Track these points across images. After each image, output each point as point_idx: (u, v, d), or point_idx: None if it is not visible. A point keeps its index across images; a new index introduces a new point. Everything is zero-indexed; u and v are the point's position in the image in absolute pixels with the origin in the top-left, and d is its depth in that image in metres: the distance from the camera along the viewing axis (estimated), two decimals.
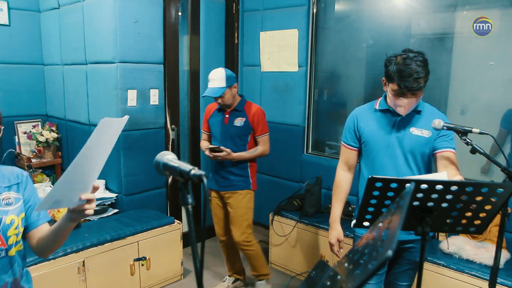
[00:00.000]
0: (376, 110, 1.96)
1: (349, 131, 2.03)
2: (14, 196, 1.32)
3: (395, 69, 1.74)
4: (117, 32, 3.01)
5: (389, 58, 1.80)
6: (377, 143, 1.92)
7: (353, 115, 2.03)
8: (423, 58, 1.75)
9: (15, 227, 1.29)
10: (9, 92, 3.64)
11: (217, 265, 3.52)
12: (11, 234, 1.28)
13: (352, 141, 2.02)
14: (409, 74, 1.70)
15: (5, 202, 1.30)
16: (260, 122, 2.79)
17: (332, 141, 3.85)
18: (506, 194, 1.35)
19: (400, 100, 1.78)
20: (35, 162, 3.56)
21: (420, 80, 1.71)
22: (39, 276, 2.43)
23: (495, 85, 2.85)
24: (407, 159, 1.89)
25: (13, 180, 1.35)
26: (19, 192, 1.34)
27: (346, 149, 2.06)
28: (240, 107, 2.80)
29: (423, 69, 1.72)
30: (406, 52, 1.77)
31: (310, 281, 0.95)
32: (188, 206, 0.88)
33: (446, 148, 1.86)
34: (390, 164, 1.90)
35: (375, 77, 3.57)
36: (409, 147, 1.88)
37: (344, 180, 2.07)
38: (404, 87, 1.72)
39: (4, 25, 3.55)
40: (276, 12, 3.76)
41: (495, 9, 2.80)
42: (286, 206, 3.53)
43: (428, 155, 1.90)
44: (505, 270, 2.45)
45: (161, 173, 0.95)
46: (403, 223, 0.80)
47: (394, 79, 1.75)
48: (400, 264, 2.00)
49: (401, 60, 1.74)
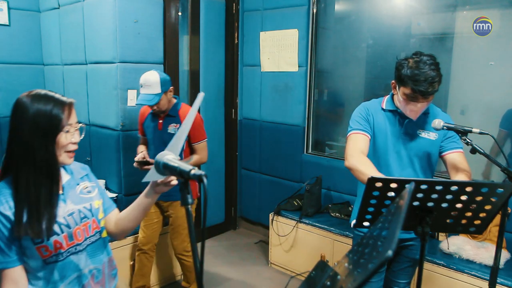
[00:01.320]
0: (384, 110, 1.92)
1: (362, 119, 1.91)
2: (90, 184, 1.42)
3: (409, 73, 1.70)
4: (117, 32, 3.01)
5: (401, 62, 1.77)
6: (384, 143, 1.90)
7: (364, 107, 1.95)
8: (435, 61, 1.73)
9: (101, 211, 1.42)
10: (9, 92, 3.64)
11: (217, 265, 3.53)
12: (100, 217, 1.40)
13: (366, 128, 1.89)
14: (424, 78, 1.67)
15: (87, 190, 1.40)
16: (195, 128, 2.62)
17: (332, 141, 3.85)
18: (506, 194, 1.35)
19: (412, 105, 1.76)
20: None
21: (435, 85, 1.69)
22: None
23: (495, 85, 2.85)
24: (412, 161, 1.89)
25: (82, 172, 1.44)
26: (91, 181, 1.44)
27: (361, 136, 1.87)
28: (174, 112, 2.65)
29: (436, 73, 1.70)
30: (418, 55, 1.74)
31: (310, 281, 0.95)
32: (188, 206, 0.88)
33: (454, 149, 1.86)
34: (395, 165, 1.89)
35: (375, 77, 3.57)
36: (416, 150, 1.87)
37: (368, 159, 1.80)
38: (418, 92, 1.69)
39: (4, 25, 3.55)
40: (276, 12, 3.76)
41: (495, 9, 2.80)
42: (286, 206, 3.53)
43: (434, 157, 1.90)
44: (505, 270, 2.45)
45: (161, 173, 0.95)
46: (403, 223, 0.80)
47: (407, 83, 1.72)
48: (400, 262, 2.01)
49: (414, 63, 1.71)
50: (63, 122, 1.23)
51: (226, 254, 3.77)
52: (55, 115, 1.21)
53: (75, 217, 1.31)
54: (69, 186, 1.35)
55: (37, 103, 1.20)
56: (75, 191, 1.36)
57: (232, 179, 4.28)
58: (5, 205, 1.20)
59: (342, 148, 3.56)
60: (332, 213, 3.39)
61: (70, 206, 1.31)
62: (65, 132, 1.23)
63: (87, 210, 1.36)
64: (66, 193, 1.33)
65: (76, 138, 1.28)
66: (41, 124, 1.20)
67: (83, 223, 1.33)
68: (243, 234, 4.25)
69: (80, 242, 1.32)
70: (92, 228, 1.36)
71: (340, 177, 3.46)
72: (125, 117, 3.07)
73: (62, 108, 1.23)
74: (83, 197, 1.37)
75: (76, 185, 1.38)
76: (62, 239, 1.26)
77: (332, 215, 3.37)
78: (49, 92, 1.26)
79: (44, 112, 1.20)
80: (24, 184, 1.20)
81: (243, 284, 3.28)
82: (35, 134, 1.19)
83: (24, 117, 1.20)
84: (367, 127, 1.89)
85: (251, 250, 3.87)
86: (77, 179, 1.40)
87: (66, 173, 1.37)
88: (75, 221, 1.31)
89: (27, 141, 1.19)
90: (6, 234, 1.19)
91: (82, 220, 1.33)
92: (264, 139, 4.01)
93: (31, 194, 1.20)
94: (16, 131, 1.21)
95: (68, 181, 1.35)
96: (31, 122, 1.19)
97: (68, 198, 1.32)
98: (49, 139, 1.21)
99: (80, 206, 1.34)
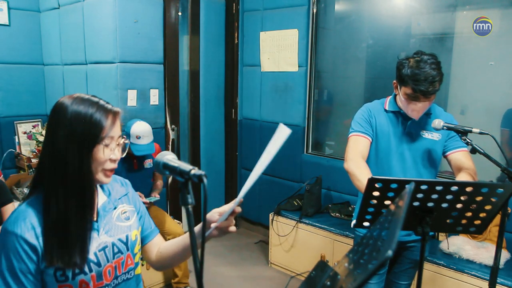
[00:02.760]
0: (386, 111, 1.91)
1: (364, 121, 1.90)
2: (129, 208, 1.21)
3: (409, 73, 1.70)
4: (117, 32, 3.01)
5: (402, 61, 1.76)
6: (387, 144, 1.89)
7: (367, 108, 1.94)
8: (436, 60, 1.72)
9: (138, 242, 1.20)
10: (9, 92, 3.64)
11: (217, 265, 3.53)
12: (136, 251, 1.19)
13: (368, 131, 1.89)
14: (424, 77, 1.67)
15: (125, 217, 1.18)
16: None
17: (332, 141, 3.85)
18: (506, 194, 1.35)
19: (413, 104, 1.75)
20: (35, 162, 3.56)
21: (436, 84, 1.69)
22: None
23: (495, 85, 2.85)
24: (416, 162, 1.88)
25: (121, 190, 1.23)
26: (130, 204, 1.22)
27: (361, 139, 1.87)
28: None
29: (437, 72, 1.69)
30: (419, 55, 1.73)
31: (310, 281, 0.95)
32: (188, 206, 0.88)
33: (458, 148, 1.85)
34: (398, 166, 1.88)
35: (375, 77, 3.58)
36: (420, 151, 1.86)
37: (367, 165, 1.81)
38: (419, 91, 1.69)
39: (4, 25, 3.55)
40: (276, 12, 3.76)
41: (495, 9, 2.80)
42: (286, 206, 3.53)
43: (437, 157, 1.90)
44: (505, 270, 2.45)
45: (161, 173, 0.94)
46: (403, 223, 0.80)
47: (408, 82, 1.71)
48: (401, 263, 2.00)
49: (415, 63, 1.70)
50: (104, 133, 1.03)
51: (226, 254, 3.76)
52: (95, 122, 1.02)
53: (108, 253, 1.09)
54: (104, 211, 1.13)
55: (78, 105, 1.03)
56: (111, 217, 1.14)
57: (232, 179, 4.28)
58: (31, 232, 1.00)
59: (342, 148, 3.57)
60: (332, 213, 3.39)
61: (103, 239, 1.09)
62: (103, 145, 1.03)
63: (123, 244, 1.14)
64: (101, 220, 1.11)
65: (117, 155, 1.07)
66: (78, 130, 1.01)
67: (116, 260, 1.11)
68: (243, 234, 4.25)
69: (109, 282, 1.10)
70: (125, 265, 1.14)
71: (340, 177, 3.46)
72: (125, 117, 3.07)
73: (106, 115, 1.04)
74: (119, 226, 1.15)
75: (113, 209, 1.16)
76: (90, 279, 1.05)
77: (332, 215, 3.37)
78: (93, 97, 1.08)
79: (83, 116, 1.01)
80: (53, 205, 1.01)
81: (243, 284, 3.27)
82: (69, 141, 1.00)
83: (60, 119, 1.02)
84: (368, 129, 1.89)
85: (251, 250, 3.87)
86: (115, 200, 1.18)
87: (103, 192, 1.16)
88: (107, 258, 1.09)
89: (60, 149, 1.00)
90: (30, 267, 0.99)
91: (115, 256, 1.11)
92: (264, 139, 4.01)
93: (59, 219, 1.00)
94: (49, 136, 1.03)
95: (104, 204, 1.14)
96: (67, 126, 1.01)
97: (102, 227, 1.11)
98: (84, 150, 1.01)
99: (114, 239, 1.12)
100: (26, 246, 0.99)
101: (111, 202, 1.16)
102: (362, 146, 1.86)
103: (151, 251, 1.26)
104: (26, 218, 1.01)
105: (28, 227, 1.00)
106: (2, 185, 2.26)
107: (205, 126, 4.09)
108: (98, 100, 1.07)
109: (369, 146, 1.88)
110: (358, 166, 1.78)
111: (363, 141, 1.87)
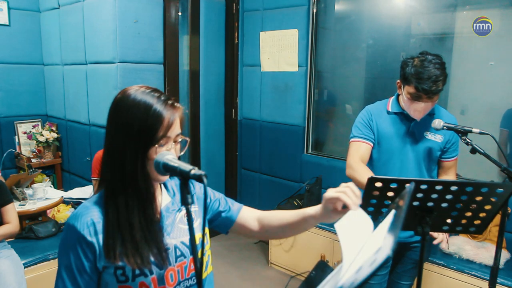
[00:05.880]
0: (389, 112, 1.91)
1: (364, 126, 1.92)
2: (193, 209, 1.15)
3: (413, 71, 1.71)
4: (117, 32, 3.01)
5: (406, 60, 1.77)
6: (391, 146, 1.88)
7: (367, 111, 1.94)
8: (441, 61, 1.72)
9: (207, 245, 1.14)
10: (9, 92, 3.65)
11: (217, 265, 3.53)
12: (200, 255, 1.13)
13: (369, 135, 1.90)
14: (428, 76, 1.67)
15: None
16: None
17: (332, 141, 3.85)
18: (506, 194, 1.35)
19: (416, 104, 1.75)
20: (35, 162, 3.56)
21: (439, 83, 1.69)
22: (39, 276, 2.43)
23: (495, 85, 2.85)
24: (419, 164, 1.88)
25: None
26: (195, 204, 1.18)
27: (362, 144, 1.90)
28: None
29: (441, 71, 1.70)
30: (424, 55, 1.74)
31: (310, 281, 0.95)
32: (188, 206, 0.87)
33: (454, 157, 1.91)
34: (401, 168, 1.88)
35: (375, 77, 3.57)
36: (423, 152, 1.87)
37: (368, 168, 1.85)
38: (422, 90, 1.69)
39: (4, 25, 3.55)
40: (276, 12, 3.76)
41: (495, 9, 2.80)
42: (286, 206, 3.53)
43: (438, 159, 1.91)
44: (505, 270, 2.45)
45: (161, 173, 0.94)
46: (403, 223, 0.80)
47: (411, 81, 1.72)
48: (404, 264, 2.00)
49: (419, 62, 1.71)
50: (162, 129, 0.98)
51: (226, 254, 3.76)
52: (155, 114, 0.97)
53: (170, 256, 1.04)
54: (168, 212, 1.08)
55: (139, 96, 0.99)
56: (174, 219, 1.09)
57: (232, 179, 4.28)
58: (90, 228, 0.97)
59: (342, 147, 3.56)
60: None
61: (165, 240, 1.05)
62: (160, 146, 0.99)
63: (186, 247, 1.07)
64: (163, 222, 1.06)
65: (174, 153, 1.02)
66: (137, 121, 0.96)
67: (179, 263, 1.06)
68: None
69: (171, 287, 1.04)
70: (188, 270, 1.07)
71: (340, 177, 3.44)
72: None
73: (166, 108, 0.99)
74: (182, 229, 1.09)
75: (177, 211, 1.10)
76: (150, 282, 1.00)
77: None
78: (156, 91, 1.03)
79: (144, 105, 0.97)
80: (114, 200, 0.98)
81: (243, 284, 3.27)
82: (127, 133, 0.96)
83: (119, 109, 0.99)
84: (368, 134, 1.90)
85: (251, 250, 3.87)
86: (179, 202, 1.11)
87: (167, 193, 1.12)
88: (169, 261, 1.03)
89: (118, 142, 0.98)
90: (85, 265, 0.97)
91: (177, 259, 1.05)
92: (264, 139, 4.01)
93: (120, 218, 0.98)
94: (109, 126, 1.01)
95: (167, 206, 1.09)
96: (124, 115, 0.97)
97: (164, 228, 1.06)
98: (140, 144, 0.96)
99: (177, 241, 1.07)
100: (84, 243, 0.97)
101: (175, 204, 1.12)
102: (362, 151, 1.89)
103: (245, 226, 1.24)
104: (87, 213, 1.00)
105: (88, 222, 0.98)
106: (2, 185, 2.25)
107: (205, 126, 4.09)
108: (161, 95, 1.02)
109: (369, 151, 1.91)
110: (359, 170, 1.82)
111: (363, 147, 1.90)
